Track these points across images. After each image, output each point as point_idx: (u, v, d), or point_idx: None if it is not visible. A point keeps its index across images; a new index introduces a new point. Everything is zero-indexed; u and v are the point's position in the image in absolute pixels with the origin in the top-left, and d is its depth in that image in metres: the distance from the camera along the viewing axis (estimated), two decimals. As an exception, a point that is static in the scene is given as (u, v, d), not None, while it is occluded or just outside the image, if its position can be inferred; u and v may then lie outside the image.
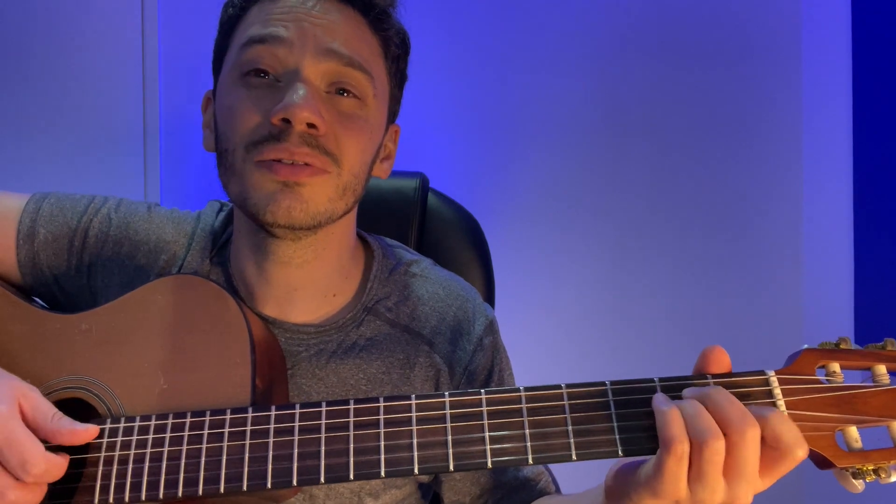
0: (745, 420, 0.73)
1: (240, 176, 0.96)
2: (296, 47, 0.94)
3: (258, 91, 0.96)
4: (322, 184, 0.96)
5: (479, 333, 1.11)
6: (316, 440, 0.82)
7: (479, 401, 0.81)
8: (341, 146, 0.96)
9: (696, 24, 2.20)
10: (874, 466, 0.74)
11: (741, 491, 0.74)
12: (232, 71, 0.98)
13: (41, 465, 0.80)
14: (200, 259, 1.12)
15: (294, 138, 0.93)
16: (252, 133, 0.95)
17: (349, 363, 1.06)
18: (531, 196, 2.19)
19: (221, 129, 0.99)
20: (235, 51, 0.99)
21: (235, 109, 0.96)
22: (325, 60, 0.95)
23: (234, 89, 0.97)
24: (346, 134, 0.97)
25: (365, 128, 1.00)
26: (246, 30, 0.98)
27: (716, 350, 0.80)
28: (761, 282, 2.22)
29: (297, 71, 0.94)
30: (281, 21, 0.96)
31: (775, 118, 2.22)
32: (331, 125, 0.95)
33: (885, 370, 0.77)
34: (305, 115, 0.92)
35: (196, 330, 0.93)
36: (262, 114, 0.94)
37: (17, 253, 1.10)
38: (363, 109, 0.99)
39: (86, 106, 1.94)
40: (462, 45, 2.17)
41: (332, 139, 0.95)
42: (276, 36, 0.95)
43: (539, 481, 1.11)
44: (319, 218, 0.97)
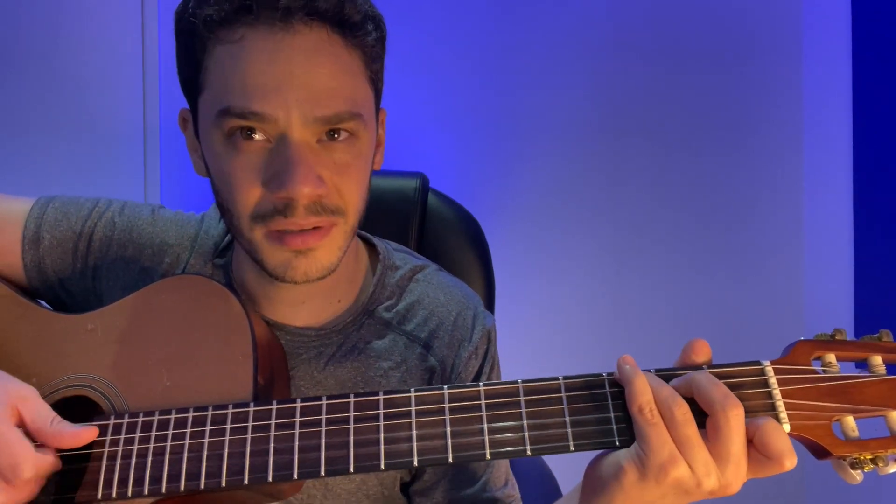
0: (727, 400, 0.75)
1: (250, 241, 0.96)
2: (280, 121, 0.89)
3: (250, 156, 0.92)
4: (332, 240, 0.96)
5: (475, 342, 1.11)
6: (316, 433, 0.82)
7: (478, 393, 0.81)
8: (345, 196, 0.95)
9: (697, 25, 2.21)
10: (872, 456, 0.75)
11: (730, 474, 0.75)
12: (214, 130, 0.93)
13: (30, 468, 0.81)
14: (203, 262, 1.12)
15: (300, 211, 0.91)
16: (256, 207, 0.93)
17: (347, 366, 1.06)
18: (531, 196, 2.19)
19: (218, 188, 0.97)
20: (211, 111, 0.93)
21: (232, 178, 0.93)
22: (312, 126, 0.91)
23: (224, 151, 0.93)
24: (346, 183, 0.95)
25: (360, 164, 0.97)
26: (219, 85, 0.92)
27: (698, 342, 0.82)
28: (762, 281, 2.22)
29: (285, 136, 0.90)
30: (256, 92, 0.89)
31: (775, 118, 2.22)
32: (330, 179, 0.93)
33: (881, 361, 0.78)
34: (307, 192, 0.90)
35: (199, 328, 0.94)
36: (261, 186, 0.92)
37: (22, 257, 1.11)
38: (356, 145, 0.96)
39: (86, 106, 1.95)
40: (462, 46, 2.18)
41: (334, 195, 0.94)
42: (256, 113, 0.89)
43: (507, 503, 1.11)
44: (334, 266, 0.98)
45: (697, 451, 0.75)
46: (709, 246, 2.23)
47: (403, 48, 2.14)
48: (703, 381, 0.77)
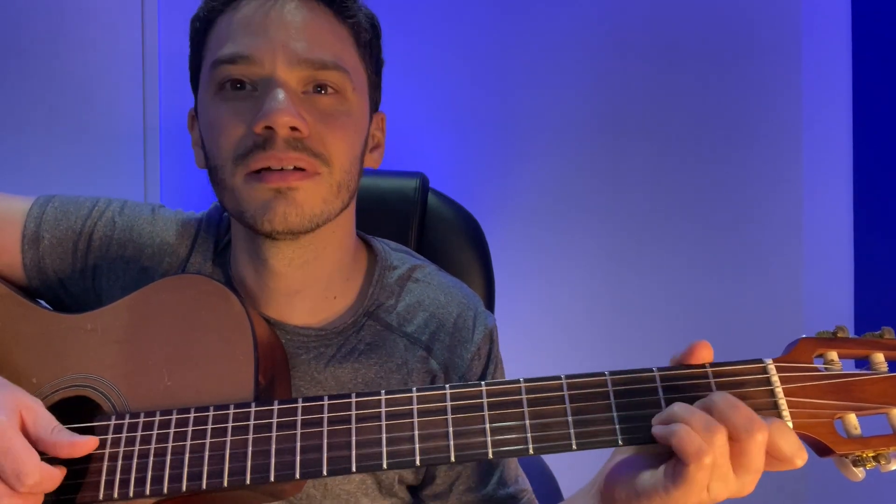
0: (752, 424, 0.74)
1: (232, 190, 0.97)
2: (266, 62, 0.94)
3: (237, 103, 0.95)
4: (315, 186, 0.96)
5: (477, 342, 1.11)
6: (318, 433, 0.82)
7: (480, 392, 0.81)
8: (328, 145, 0.96)
9: (697, 25, 2.21)
10: (874, 453, 0.74)
11: (748, 482, 0.75)
12: (208, 88, 0.98)
13: (35, 475, 0.80)
14: (202, 261, 1.12)
15: (280, 144, 0.93)
16: (238, 146, 0.95)
17: (348, 367, 1.06)
18: (531, 196, 2.19)
19: (208, 146, 1.00)
20: (207, 70, 0.99)
21: (218, 125, 0.96)
22: (297, 69, 0.95)
23: (213, 105, 0.98)
24: (330, 132, 0.96)
25: (348, 122, 0.99)
26: (214, 47, 0.98)
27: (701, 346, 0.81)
28: (762, 280, 2.22)
29: (271, 78, 0.94)
30: (246, 37, 0.95)
31: (775, 118, 2.22)
32: (314, 125, 0.95)
33: (884, 358, 0.78)
34: (286, 120, 0.92)
35: (200, 328, 0.94)
36: (244, 125, 0.94)
37: (22, 257, 1.10)
38: (344, 104, 0.99)
39: (86, 106, 1.95)
40: (462, 46, 2.18)
41: (317, 140, 0.95)
42: (243, 54, 0.94)
43: (521, 498, 1.11)
44: (317, 220, 0.97)
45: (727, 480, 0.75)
46: (709, 245, 2.23)
47: (403, 48, 2.14)
48: (724, 406, 0.75)
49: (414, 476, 1.10)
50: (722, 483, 0.74)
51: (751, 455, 0.74)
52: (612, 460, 0.85)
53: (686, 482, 0.74)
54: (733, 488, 0.75)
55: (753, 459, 0.74)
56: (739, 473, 0.75)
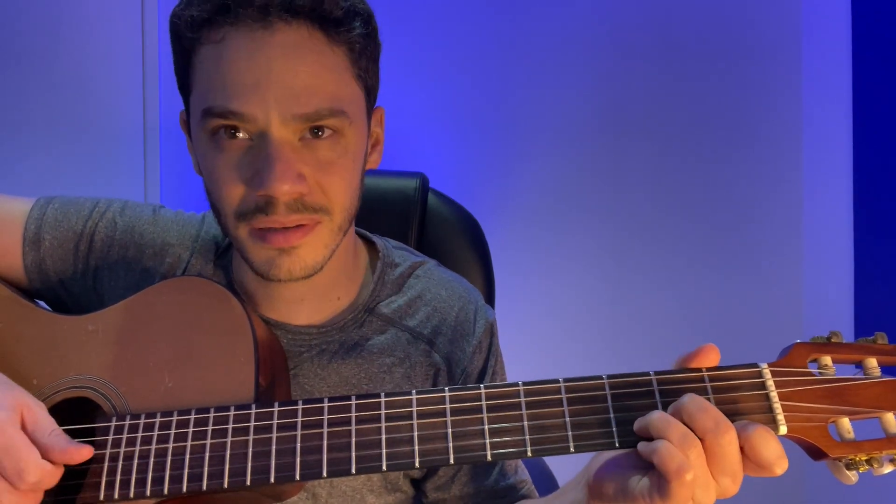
0: (718, 427, 0.75)
1: (236, 239, 0.98)
2: (259, 120, 0.90)
3: (234, 154, 0.93)
4: (317, 236, 0.96)
5: (479, 336, 1.12)
6: (318, 435, 0.83)
7: (479, 395, 0.82)
8: (328, 193, 0.95)
9: (697, 25, 2.21)
10: (867, 457, 0.75)
11: (727, 484, 0.76)
12: (200, 130, 0.95)
13: (36, 473, 0.81)
14: (204, 262, 1.13)
15: (281, 209, 0.92)
16: (240, 205, 0.94)
17: (351, 362, 1.07)
18: (531, 196, 2.20)
19: (207, 187, 0.99)
20: (197, 111, 0.95)
21: (217, 178, 0.95)
22: (292, 123, 0.91)
23: (209, 151, 0.95)
24: (330, 180, 0.95)
25: (346, 162, 0.97)
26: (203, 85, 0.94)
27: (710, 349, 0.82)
28: (761, 281, 2.22)
29: (266, 134, 0.91)
30: (236, 90, 0.90)
31: (775, 118, 2.22)
32: (312, 176, 0.94)
33: (877, 363, 0.78)
34: (287, 190, 0.90)
35: (200, 330, 0.94)
36: (243, 183, 0.93)
37: (23, 258, 1.11)
38: (341, 143, 0.96)
39: (86, 106, 1.95)
40: (462, 46, 2.18)
41: (317, 194, 0.94)
42: (235, 112, 0.90)
43: (521, 489, 1.12)
44: (321, 264, 0.98)
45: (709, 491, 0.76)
46: (708, 246, 2.23)
47: (404, 48, 2.14)
48: (692, 409, 0.76)
49: (418, 470, 1.11)
50: (704, 490, 0.75)
51: (721, 457, 0.75)
52: (603, 455, 0.86)
53: (671, 496, 0.75)
54: (714, 493, 0.76)
55: (725, 462, 0.75)
56: (717, 476, 0.75)
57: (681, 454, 0.74)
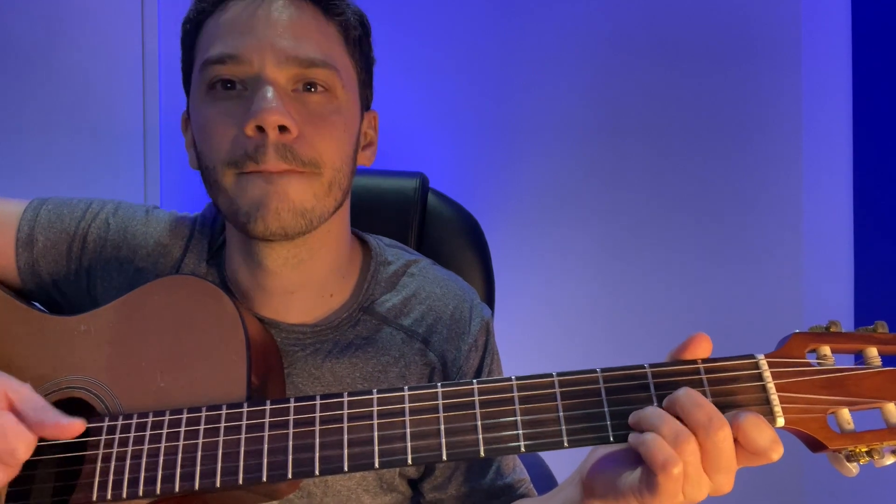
0: (711, 423, 0.73)
1: (224, 190, 0.97)
2: (254, 60, 0.94)
3: (227, 103, 0.96)
4: (306, 181, 0.96)
5: (474, 334, 1.11)
6: (310, 433, 0.82)
7: (472, 391, 0.81)
8: (317, 146, 0.96)
9: (697, 24, 2.20)
10: (867, 448, 0.74)
11: (722, 481, 0.75)
12: (198, 89, 0.99)
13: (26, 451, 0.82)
14: (197, 262, 1.12)
15: (270, 153, 0.93)
16: (230, 151, 0.95)
17: (345, 362, 1.06)
18: (531, 196, 2.19)
19: (200, 147, 1.00)
20: (197, 71, 0.99)
21: (209, 127, 0.97)
22: (286, 67, 0.95)
23: (203, 106, 0.98)
24: (319, 132, 0.97)
25: (338, 120, 0.99)
26: (203, 48, 0.99)
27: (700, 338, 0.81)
28: (761, 280, 2.22)
29: (260, 76, 0.94)
30: (234, 36, 0.96)
31: (775, 118, 2.22)
32: (303, 126, 0.95)
33: (877, 352, 0.77)
34: (275, 119, 0.92)
35: (192, 328, 0.94)
36: (234, 126, 0.94)
37: (16, 260, 1.11)
38: (333, 102, 0.99)
39: (86, 106, 1.95)
40: (462, 46, 2.18)
41: (306, 143, 0.95)
42: (231, 54, 0.95)
43: (519, 488, 1.11)
44: (309, 216, 0.97)
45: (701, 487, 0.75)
46: (708, 245, 2.22)
47: (404, 48, 2.14)
48: (687, 404, 0.75)
49: (415, 469, 1.10)
50: (696, 487, 0.74)
51: (715, 454, 0.74)
52: (598, 451, 0.85)
53: (658, 491, 0.74)
54: (707, 490, 0.75)
55: (720, 458, 0.74)
56: (710, 473, 0.74)
57: (668, 447, 0.73)
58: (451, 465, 1.09)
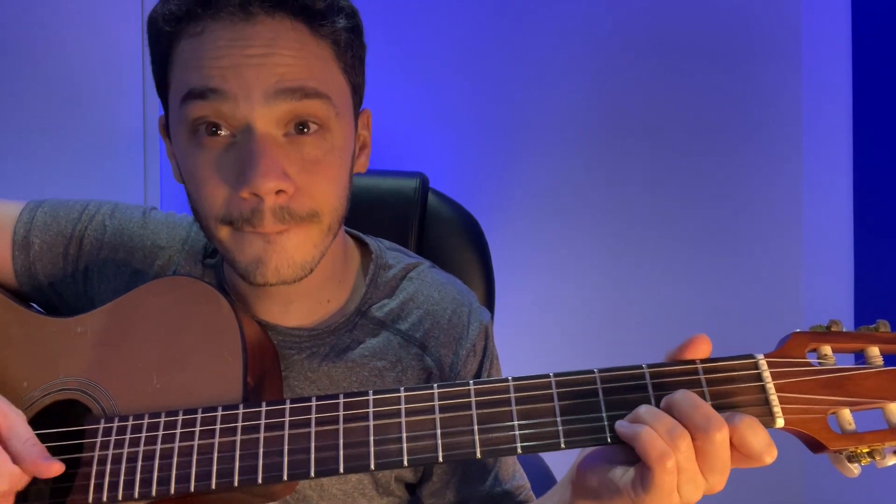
0: (710, 424, 0.73)
1: (220, 241, 0.95)
2: (241, 99, 0.87)
3: (216, 153, 0.90)
4: (306, 233, 0.93)
5: (472, 339, 1.10)
6: (306, 435, 0.81)
7: (468, 392, 0.80)
8: (315, 196, 0.92)
9: (697, 24, 2.20)
10: (869, 448, 0.73)
11: (716, 481, 0.74)
12: (180, 125, 0.92)
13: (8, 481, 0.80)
14: (193, 263, 1.12)
15: (268, 217, 0.89)
16: (224, 209, 0.91)
17: (341, 366, 1.05)
18: (531, 196, 2.19)
19: (191, 193, 0.96)
20: (176, 102, 0.92)
21: (199, 179, 0.92)
22: (275, 104, 0.88)
23: (189, 150, 0.92)
24: (316, 180, 0.92)
25: (333, 159, 0.94)
26: (181, 74, 0.92)
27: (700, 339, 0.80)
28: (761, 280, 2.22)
29: (249, 126, 0.88)
30: (216, 67, 0.88)
31: (775, 118, 2.22)
32: (299, 176, 0.91)
33: (879, 352, 0.76)
34: (272, 186, 0.87)
35: (188, 330, 0.93)
36: (227, 186, 0.90)
37: (13, 262, 1.10)
38: (328, 139, 0.93)
39: (86, 106, 1.95)
40: (462, 46, 2.18)
41: (304, 196, 0.91)
42: (216, 89, 0.87)
43: (518, 494, 1.10)
44: (310, 266, 0.95)
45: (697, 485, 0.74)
46: (708, 244, 2.22)
47: (404, 48, 2.14)
48: (683, 405, 0.75)
49: (412, 474, 1.09)
50: (692, 485, 0.73)
51: (712, 455, 0.73)
52: (587, 450, 0.84)
53: (654, 487, 0.73)
54: (703, 489, 0.74)
55: (716, 459, 0.73)
56: (706, 473, 0.74)
57: (663, 441, 0.72)
58: (449, 470, 1.08)
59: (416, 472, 1.09)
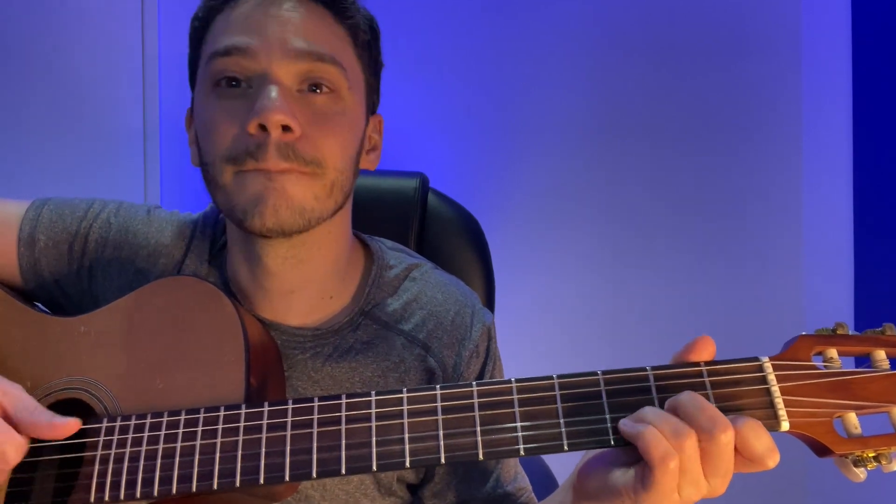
0: (715, 426, 0.72)
1: (223, 186, 0.96)
2: (261, 54, 0.93)
3: (231, 101, 0.95)
4: (307, 181, 0.95)
5: (475, 340, 1.10)
6: (308, 435, 0.81)
7: (471, 393, 0.80)
8: (320, 147, 0.95)
9: (696, 24, 2.20)
10: (874, 453, 0.73)
11: (717, 484, 0.74)
12: (203, 84, 0.98)
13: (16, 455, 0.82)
14: (198, 262, 1.12)
15: (272, 152, 0.91)
16: (231, 147, 0.94)
17: (344, 366, 1.05)
18: (531, 196, 2.19)
19: (202, 143, 0.99)
20: (204, 66, 0.98)
21: (211, 123, 0.96)
22: (293, 60, 0.94)
23: (207, 102, 0.97)
24: (323, 133, 0.95)
25: (343, 122, 0.98)
26: (211, 43, 0.98)
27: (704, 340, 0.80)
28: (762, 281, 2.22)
29: (266, 74, 0.93)
30: (243, 30, 0.95)
31: (775, 118, 2.22)
32: (307, 126, 0.94)
33: (885, 355, 0.76)
34: (279, 118, 0.90)
35: (191, 329, 0.93)
36: (237, 124, 0.93)
37: (18, 260, 1.11)
38: (339, 103, 0.98)
39: (86, 106, 1.95)
40: (462, 46, 2.18)
41: (309, 143, 0.94)
42: (239, 46, 0.94)
43: (519, 497, 1.10)
44: (307, 215, 0.96)
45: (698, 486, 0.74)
46: (709, 244, 2.22)
47: (404, 49, 2.14)
48: (689, 406, 0.74)
49: (414, 474, 1.09)
50: (693, 487, 0.73)
51: (716, 457, 0.73)
52: (589, 454, 0.84)
53: (654, 487, 0.73)
54: (704, 491, 0.74)
55: (720, 462, 0.73)
56: (709, 476, 0.74)
57: (666, 442, 0.72)
58: (451, 471, 1.08)
59: (418, 473, 1.09)
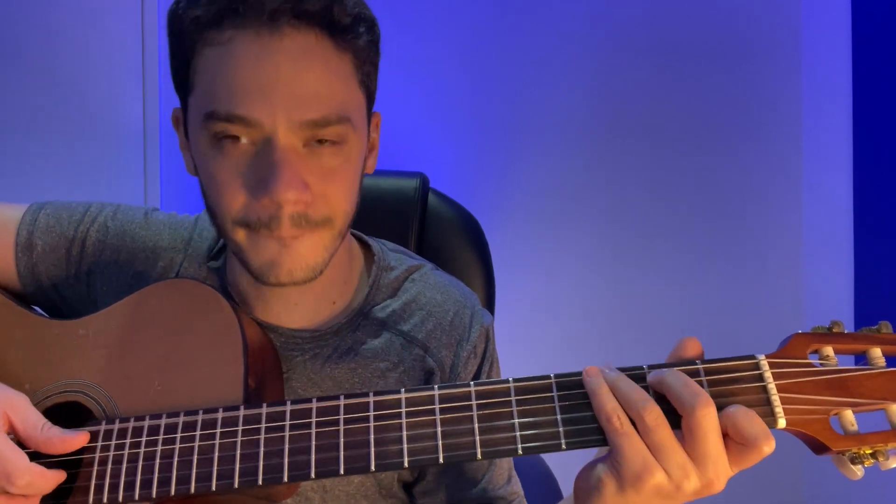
0: (697, 399, 0.73)
1: (235, 242, 0.95)
2: (266, 125, 0.88)
3: (235, 159, 0.91)
4: (318, 239, 0.94)
5: (473, 340, 1.10)
6: (306, 436, 0.81)
7: (469, 393, 0.80)
8: (331, 202, 0.94)
9: (697, 25, 2.21)
10: (871, 450, 0.73)
11: (710, 473, 0.73)
12: (201, 131, 0.92)
13: (25, 476, 0.81)
14: (197, 265, 1.12)
15: (285, 222, 0.90)
16: (241, 213, 0.92)
17: (344, 367, 1.05)
18: (531, 196, 2.19)
19: (208, 194, 0.97)
20: (198, 113, 0.92)
21: (217, 181, 0.93)
22: (298, 130, 0.89)
23: (210, 153, 0.92)
24: (332, 188, 0.93)
25: (349, 168, 0.96)
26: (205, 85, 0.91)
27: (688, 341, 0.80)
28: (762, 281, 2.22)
29: (271, 139, 0.89)
30: (241, 91, 0.88)
31: (775, 118, 2.22)
32: (316, 185, 0.92)
33: (881, 353, 0.76)
34: (292, 197, 0.89)
35: (190, 332, 0.93)
36: (246, 191, 0.91)
37: (16, 264, 1.11)
38: (344, 149, 0.94)
39: (86, 106, 1.96)
40: (463, 46, 2.18)
41: (320, 202, 0.93)
42: (241, 117, 0.88)
43: (512, 501, 1.10)
44: (321, 268, 0.96)
45: (672, 455, 0.73)
46: (709, 244, 2.22)
47: (404, 48, 2.14)
48: (673, 381, 0.75)
49: (410, 473, 1.09)
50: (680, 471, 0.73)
51: (700, 435, 0.72)
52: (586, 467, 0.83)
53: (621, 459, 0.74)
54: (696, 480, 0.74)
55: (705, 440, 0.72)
56: (696, 460, 0.73)
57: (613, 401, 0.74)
58: (443, 471, 1.08)
59: (413, 472, 1.09)
